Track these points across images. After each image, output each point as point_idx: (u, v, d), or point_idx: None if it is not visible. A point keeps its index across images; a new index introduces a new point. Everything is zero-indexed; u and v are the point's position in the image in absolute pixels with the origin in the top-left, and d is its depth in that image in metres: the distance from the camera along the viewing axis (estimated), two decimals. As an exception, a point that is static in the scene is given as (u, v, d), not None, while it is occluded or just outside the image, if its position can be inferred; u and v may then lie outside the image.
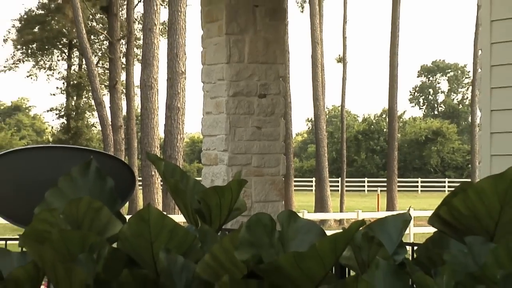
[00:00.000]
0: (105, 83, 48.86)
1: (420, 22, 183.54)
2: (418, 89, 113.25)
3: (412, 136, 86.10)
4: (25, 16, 54.34)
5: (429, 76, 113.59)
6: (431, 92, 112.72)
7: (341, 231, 3.86)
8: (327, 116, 55.11)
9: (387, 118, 53.77)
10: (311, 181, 63.93)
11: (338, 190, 50.28)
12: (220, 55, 10.41)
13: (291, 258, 3.80)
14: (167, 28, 31.64)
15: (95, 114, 47.32)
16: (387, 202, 47.23)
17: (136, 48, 46.46)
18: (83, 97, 57.15)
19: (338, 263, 4.25)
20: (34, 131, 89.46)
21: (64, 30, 52.24)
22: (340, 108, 54.17)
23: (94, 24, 51.54)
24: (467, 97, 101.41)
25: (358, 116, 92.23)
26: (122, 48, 47.12)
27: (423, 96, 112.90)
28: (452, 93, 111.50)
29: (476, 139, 45.21)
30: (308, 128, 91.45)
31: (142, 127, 33.88)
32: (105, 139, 40.45)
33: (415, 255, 4.45)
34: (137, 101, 41.85)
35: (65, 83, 57.81)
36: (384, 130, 76.93)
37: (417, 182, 77.11)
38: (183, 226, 4.31)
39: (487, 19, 7.69)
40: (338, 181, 54.18)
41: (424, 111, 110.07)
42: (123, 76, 45.52)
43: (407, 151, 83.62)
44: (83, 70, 54.05)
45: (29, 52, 56.75)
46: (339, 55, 52.24)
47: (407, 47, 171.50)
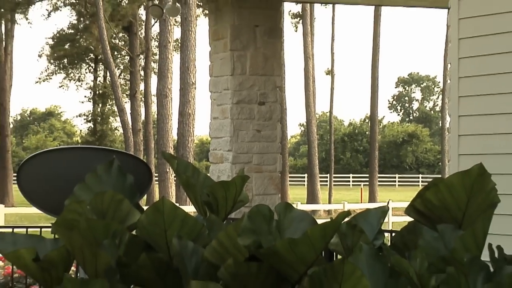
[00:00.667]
0: (126, 93, 48.81)
1: (397, 39, 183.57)
2: (395, 97, 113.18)
3: (390, 138, 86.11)
4: (57, 34, 54.30)
5: (405, 86, 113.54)
6: (407, 100, 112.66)
7: (329, 220, 3.86)
8: (318, 121, 54.99)
9: (369, 123, 53.75)
10: (304, 177, 63.83)
11: (327, 185, 50.21)
12: (226, 68, 10.41)
13: (287, 243, 3.80)
14: (179, 45, 31.61)
15: (118, 119, 47.29)
16: (369, 195, 47.26)
17: (153, 62, 46.39)
18: (107, 104, 57.12)
19: (327, 248, 4.25)
20: (65, 133, 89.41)
21: (91, 46, 52.14)
22: (328, 114, 54.15)
23: (117, 41, 51.52)
24: (438, 104, 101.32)
25: (344, 121, 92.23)
26: (141, 62, 47.15)
27: (400, 104, 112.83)
28: (425, 101, 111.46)
29: (446, 141, 45.16)
30: (301, 131, 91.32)
31: (158, 130, 33.88)
32: (126, 140, 40.47)
33: (392, 241, 4.45)
34: (153, 108, 41.97)
35: (91, 92, 57.76)
36: (367, 133, 76.80)
37: (394, 177, 77.07)
38: (193, 216, 4.31)
39: (455, 37, 7.68)
40: (327, 177, 54.10)
41: (401, 117, 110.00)
42: (141, 86, 45.56)
43: (386, 151, 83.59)
44: (107, 81, 54.01)
45: (60, 66, 56.72)
46: (328, 68, 52.21)
47: (386, 61, 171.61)
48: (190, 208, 18.25)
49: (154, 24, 45.38)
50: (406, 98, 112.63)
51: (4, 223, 22.09)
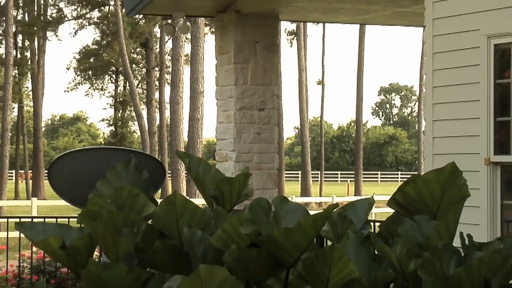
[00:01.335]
0: (143, 100, 48.80)
1: (379, 53, 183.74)
2: (378, 104, 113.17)
3: (373, 140, 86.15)
4: (83, 50, 54.34)
5: (386, 94, 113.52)
6: (388, 106, 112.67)
7: (320, 212, 3.85)
8: (310, 125, 54.99)
9: (355, 126, 53.73)
10: (298, 173, 63.86)
11: (318, 180, 50.25)
12: (230, 79, 10.41)
13: (283, 232, 3.79)
14: (189, 58, 31.61)
15: (136, 123, 47.36)
16: (354, 189, 47.32)
17: (167, 74, 46.37)
18: (127, 110, 57.15)
19: (319, 235, 4.23)
20: (90, 136, 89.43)
21: (112, 60, 52.18)
22: (319, 118, 54.14)
23: (135, 56, 51.54)
24: (415, 110, 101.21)
25: (333, 125, 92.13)
26: (156, 73, 47.14)
27: (382, 110, 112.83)
28: (403, 107, 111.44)
29: (422, 142, 45.18)
30: (295, 133, 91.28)
31: (171, 133, 33.88)
32: (143, 142, 40.49)
33: (377, 229, 4.43)
34: (167, 113, 41.94)
35: (113, 100, 57.82)
36: (353, 135, 76.82)
37: (377, 174, 77.09)
38: (201, 208, 4.30)
39: (430, 52, 7.68)
40: (318, 173, 54.09)
41: (382, 121, 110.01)
42: (156, 94, 45.56)
43: (369, 151, 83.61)
44: (126, 90, 54.04)
45: (86, 77, 56.74)
46: (319, 79, 52.25)
47: (370, 72, 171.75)
48: (199, 201, 18.25)
49: (167, 41, 45.39)
50: (387, 105, 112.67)
51: (37, 214, 22.08)
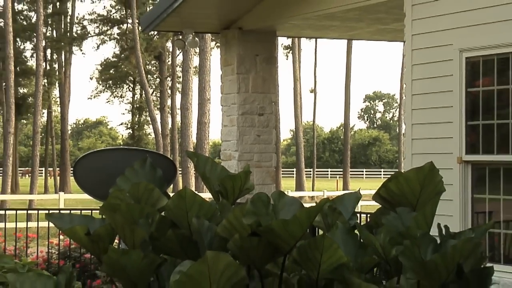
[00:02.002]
0: (157, 106, 48.77)
1: (365, 65, 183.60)
2: (363, 110, 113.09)
3: (359, 141, 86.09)
4: (104, 62, 54.30)
5: (370, 101, 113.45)
6: (372, 112, 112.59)
7: (313, 205, 3.84)
8: (304, 128, 55.01)
9: (343, 129, 53.72)
10: (293, 171, 63.82)
11: (311, 177, 50.27)
12: (233, 88, 10.39)
13: (280, 223, 3.78)
14: (198, 69, 31.59)
15: (151, 127, 47.32)
16: (343, 185, 47.29)
17: (177, 83, 46.35)
18: (143, 115, 57.11)
19: (312, 225, 4.22)
20: (110, 138, 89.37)
21: (130, 71, 52.15)
22: (312, 123, 54.14)
23: (150, 67, 51.52)
24: (396, 115, 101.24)
25: (324, 128, 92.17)
26: (168, 83, 47.13)
27: (367, 115, 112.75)
28: (386, 112, 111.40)
29: (402, 143, 45.22)
30: (291, 135, 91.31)
31: (181, 135, 33.86)
32: (157, 143, 40.46)
33: (364, 220, 4.42)
34: (178, 118, 41.91)
35: (131, 106, 57.78)
36: (341, 137, 76.75)
37: (362, 171, 77.07)
38: (208, 201, 4.28)
39: (409, 64, 7.67)
40: (310, 171, 54.10)
41: (367, 125, 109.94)
42: (169, 101, 45.55)
43: (356, 151, 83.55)
44: (142, 97, 54.00)
45: (107, 86, 56.72)
46: (312, 88, 52.23)
47: (357, 82, 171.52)
48: (206, 195, 18.23)
49: (178, 54, 45.39)
50: (371, 111, 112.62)
51: (64, 206, 22.07)
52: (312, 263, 3.79)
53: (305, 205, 4.12)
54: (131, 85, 56.99)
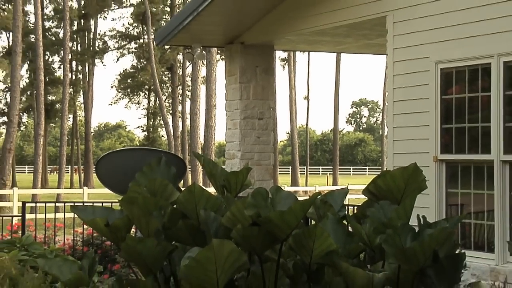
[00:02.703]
0: (169, 112, 48.78)
1: (352, 75, 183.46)
2: (350, 115, 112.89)
3: (347, 142, 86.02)
4: (123, 72, 54.26)
5: (357, 107, 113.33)
6: (358, 116, 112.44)
7: (307, 198, 3.83)
8: (298, 131, 55.02)
9: (333, 132, 53.75)
10: (289, 168, 63.80)
11: (304, 174, 50.24)
12: (236, 95, 10.38)
13: (278, 214, 3.77)
14: (205, 79, 31.59)
15: (164, 129, 47.29)
16: (332, 180, 47.24)
17: (187, 91, 46.35)
18: (157, 119, 57.09)
19: (305, 216, 4.21)
20: (128, 139, 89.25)
21: (146, 81, 52.14)
22: (305, 126, 54.13)
23: (163, 77, 51.49)
24: (379, 119, 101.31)
25: (316, 131, 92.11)
26: (179, 91, 47.12)
27: (354, 119, 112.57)
28: (370, 117, 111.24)
29: (385, 144, 45.20)
30: (287, 137, 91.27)
31: (190, 137, 33.87)
32: (169, 144, 40.44)
33: (351, 212, 4.40)
34: (187, 122, 41.87)
35: (146, 111, 57.75)
36: (331, 139, 76.83)
37: (350, 169, 77.02)
38: (214, 195, 4.27)
39: (391, 74, 7.66)
40: (304, 168, 54.09)
41: (354, 128, 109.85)
42: (179, 107, 45.53)
43: (344, 151, 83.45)
44: (156, 104, 54.00)
45: (125, 94, 56.69)
46: (305, 95, 52.29)
47: (345, 90, 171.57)
48: (212, 190, 18.20)
49: (188, 66, 45.39)
50: (358, 115, 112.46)
51: (87, 199, 22.05)
52: (305, 250, 3.79)
53: (299, 198, 4.11)
54: (147, 92, 56.99)
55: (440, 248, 3.77)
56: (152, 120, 57.52)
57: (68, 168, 53.51)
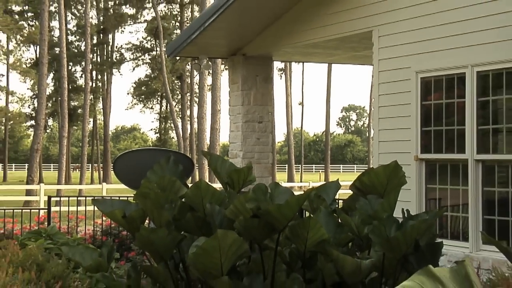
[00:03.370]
0: (179, 116, 48.76)
1: (342, 82, 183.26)
2: (340, 118, 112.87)
3: (337, 143, 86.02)
4: (138, 81, 54.26)
5: (346, 112, 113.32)
6: (347, 120, 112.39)
7: (301, 193, 3.82)
8: (294, 133, 54.98)
9: (325, 134, 53.72)
10: (285, 166, 63.76)
11: (299, 171, 50.19)
12: (238, 101, 10.37)
13: (276, 207, 3.76)
14: (211, 87, 31.58)
15: (174, 132, 47.30)
16: (324, 177, 47.19)
17: (195, 97, 46.32)
18: (168, 123, 57.07)
19: (301, 209, 4.20)
20: (142, 140, 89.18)
21: (158, 88, 52.13)
22: (300, 129, 54.11)
23: (174, 85, 51.46)
24: (366, 123, 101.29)
25: (309, 133, 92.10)
26: (187, 97, 47.11)
27: (343, 122, 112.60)
28: (358, 121, 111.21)
29: (371, 145, 45.17)
30: (284, 138, 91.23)
31: (198, 138, 33.85)
32: (179, 145, 40.45)
33: (341, 205, 4.38)
34: (195, 125, 41.85)
35: (158, 115, 57.72)
36: (323, 140, 76.80)
37: (340, 167, 77.01)
38: (219, 190, 4.26)
39: (376, 83, 7.65)
40: (299, 166, 54.05)
41: (343, 130, 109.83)
42: (188, 112, 45.51)
43: (335, 151, 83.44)
44: (167, 109, 54.00)
45: (140, 100, 56.66)
46: (300, 101, 52.27)
47: (336, 96, 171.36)
48: (217, 185, 18.19)
49: (196, 75, 45.36)
50: (347, 119, 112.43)
51: (106, 194, 22.04)
52: (300, 239, 3.77)
53: (295, 193, 4.10)
54: (159, 99, 56.97)
55: (421, 238, 3.76)
56: (163, 123, 57.51)
57: (89, 166, 53.56)
